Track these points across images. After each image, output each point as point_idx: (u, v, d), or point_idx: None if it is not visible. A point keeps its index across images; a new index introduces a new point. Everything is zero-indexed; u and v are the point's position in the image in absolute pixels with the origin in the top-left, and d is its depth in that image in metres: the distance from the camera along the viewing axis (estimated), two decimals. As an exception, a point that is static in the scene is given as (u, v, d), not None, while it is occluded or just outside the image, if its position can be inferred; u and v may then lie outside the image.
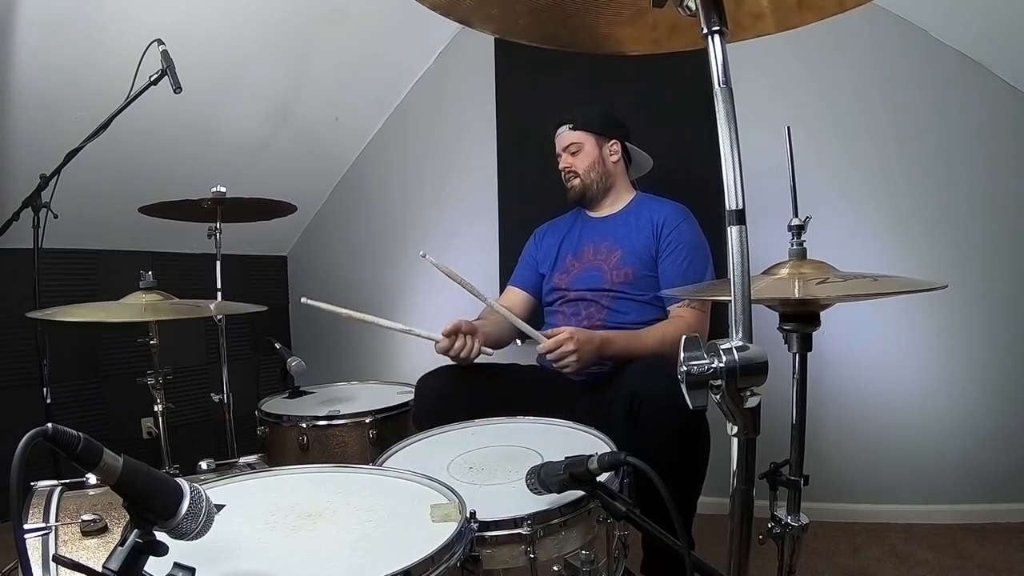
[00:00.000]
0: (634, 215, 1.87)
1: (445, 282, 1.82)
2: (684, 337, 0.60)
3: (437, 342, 1.56)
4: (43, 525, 0.89)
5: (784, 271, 0.91)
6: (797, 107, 2.36)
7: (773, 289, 0.87)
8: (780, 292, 0.87)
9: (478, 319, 1.82)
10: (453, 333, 1.57)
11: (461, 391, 1.53)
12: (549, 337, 1.53)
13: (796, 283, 0.88)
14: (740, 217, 0.60)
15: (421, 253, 1.49)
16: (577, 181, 1.88)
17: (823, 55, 2.31)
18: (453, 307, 2.96)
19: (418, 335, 1.54)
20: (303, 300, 1.59)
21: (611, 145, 1.89)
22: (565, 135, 1.88)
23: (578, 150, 1.87)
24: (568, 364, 1.51)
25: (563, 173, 1.90)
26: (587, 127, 1.87)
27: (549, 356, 1.53)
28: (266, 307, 1.81)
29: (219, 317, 1.92)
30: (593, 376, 1.65)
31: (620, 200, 1.92)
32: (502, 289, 2.70)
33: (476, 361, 1.62)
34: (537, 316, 1.99)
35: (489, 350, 1.62)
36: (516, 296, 2.02)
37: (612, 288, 1.79)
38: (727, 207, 0.60)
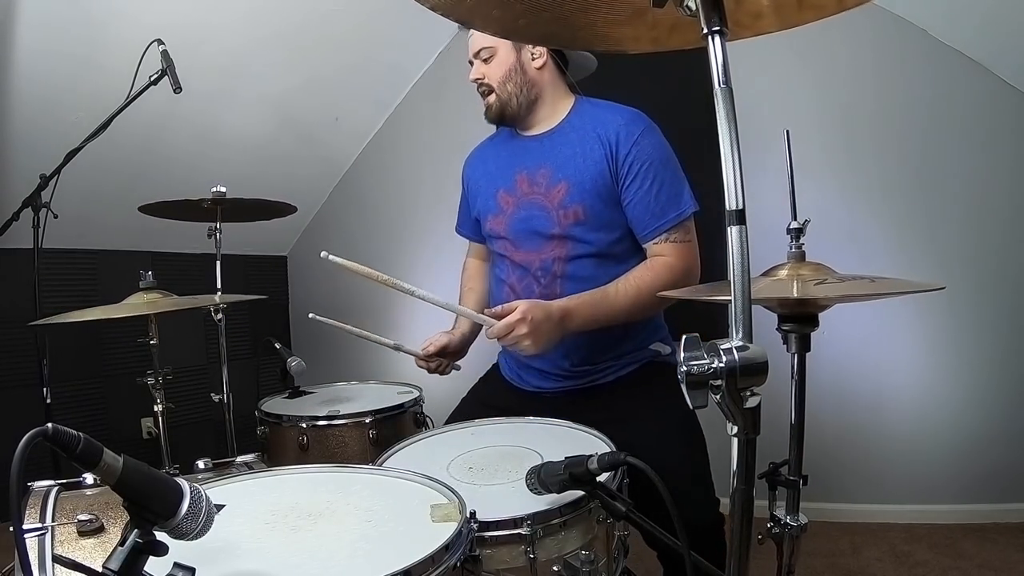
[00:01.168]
0: (576, 130, 1.47)
1: (444, 284, 1.83)
2: (684, 337, 0.59)
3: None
4: (40, 525, 0.89)
5: (783, 273, 0.91)
6: (797, 107, 2.36)
7: (772, 290, 0.87)
8: (778, 293, 0.87)
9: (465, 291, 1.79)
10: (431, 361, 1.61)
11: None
12: (499, 317, 1.27)
13: (795, 284, 0.88)
14: (740, 217, 0.60)
15: (323, 253, 1.28)
16: (492, 96, 1.51)
17: (823, 55, 2.31)
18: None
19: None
20: (311, 316, 1.59)
21: (534, 48, 1.49)
22: (475, 37, 1.52)
23: (490, 56, 1.50)
24: (524, 349, 1.27)
25: (475, 83, 1.55)
26: None
27: (500, 342, 1.29)
28: (266, 296, 1.87)
29: (219, 316, 1.92)
30: (568, 392, 1.46)
31: (556, 112, 1.52)
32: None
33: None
34: None
35: (458, 367, 1.66)
36: (475, 250, 1.78)
37: (563, 233, 1.42)
38: (727, 207, 0.60)
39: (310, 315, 1.59)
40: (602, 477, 0.92)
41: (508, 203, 1.52)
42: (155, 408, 1.57)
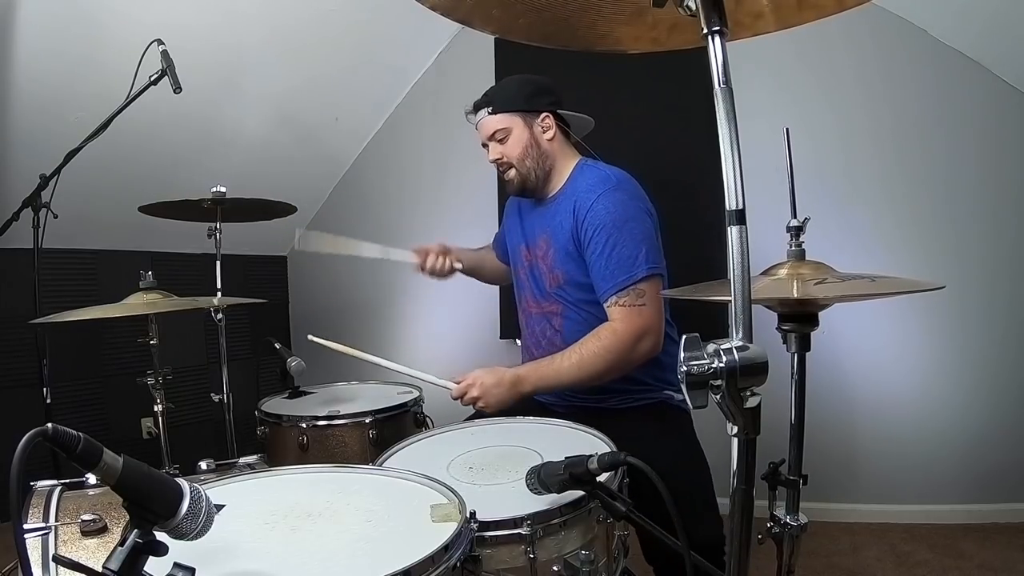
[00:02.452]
0: (567, 199, 1.55)
1: (444, 284, 1.83)
2: (684, 337, 0.59)
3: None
4: (43, 525, 0.89)
5: (782, 272, 0.91)
6: (798, 107, 2.36)
7: (771, 289, 0.87)
8: (778, 292, 0.87)
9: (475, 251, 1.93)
10: (423, 253, 1.71)
11: None
12: (458, 382, 1.43)
13: (795, 284, 0.88)
14: (740, 217, 0.60)
15: (309, 336, 1.54)
16: (513, 172, 1.58)
17: (824, 55, 2.31)
18: (453, 307, 2.98)
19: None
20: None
21: (542, 120, 1.56)
22: (486, 121, 1.57)
23: (505, 136, 1.55)
24: (481, 409, 1.42)
25: (494, 163, 1.61)
26: (510, 106, 1.55)
27: (462, 403, 1.44)
28: (265, 300, 1.87)
29: (219, 316, 1.92)
30: (578, 409, 1.51)
31: (561, 177, 1.60)
32: (503, 293, 2.70)
33: None
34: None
35: (459, 264, 1.75)
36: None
37: (556, 296, 1.57)
38: (727, 207, 0.60)
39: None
40: (602, 477, 0.92)
41: (526, 258, 1.66)
42: (155, 408, 1.57)
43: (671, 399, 1.55)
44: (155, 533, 0.62)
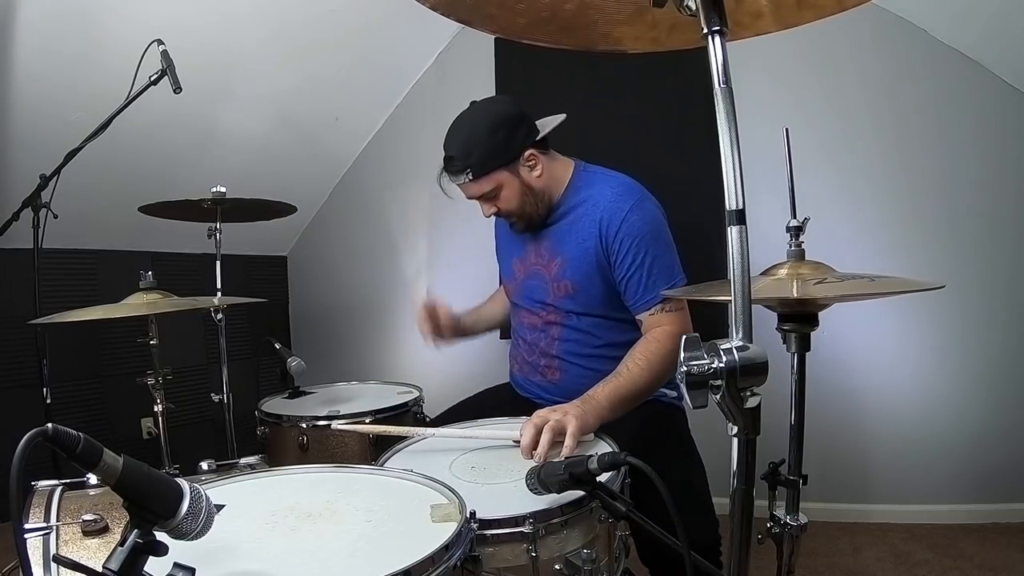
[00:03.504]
0: (574, 209, 1.51)
1: (444, 284, 1.83)
2: (684, 337, 0.59)
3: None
4: (44, 525, 0.89)
5: (782, 272, 0.91)
6: (798, 107, 2.36)
7: (771, 289, 0.87)
8: (778, 292, 0.87)
9: (487, 301, 1.88)
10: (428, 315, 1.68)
11: None
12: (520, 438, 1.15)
13: (794, 283, 0.88)
14: (740, 217, 0.60)
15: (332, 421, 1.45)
16: (514, 218, 1.53)
17: (824, 55, 2.31)
18: (452, 307, 2.97)
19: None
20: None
21: (527, 160, 1.47)
22: (470, 188, 1.48)
23: (496, 193, 1.47)
24: (568, 436, 1.13)
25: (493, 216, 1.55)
26: (490, 165, 1.44)
27: (546, 456, 1.10)
28: (265, 299, 1.87)
29: (219, 316, 1.92)
30: None
31: (559, 190, 1.55)
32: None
33: None
34: None
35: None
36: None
37: (555, 303, 1.53)
38: (727, 207, 0.60)
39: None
40: (602, 477, 0.92)
41: (520, 271, 1.62)
42: (155, 408, 1.57)
43: (663, 396, 1.54)
44: (155, 533, 0.62)
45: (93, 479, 1.03)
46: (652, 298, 1.41)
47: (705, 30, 0.63)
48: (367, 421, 1.54)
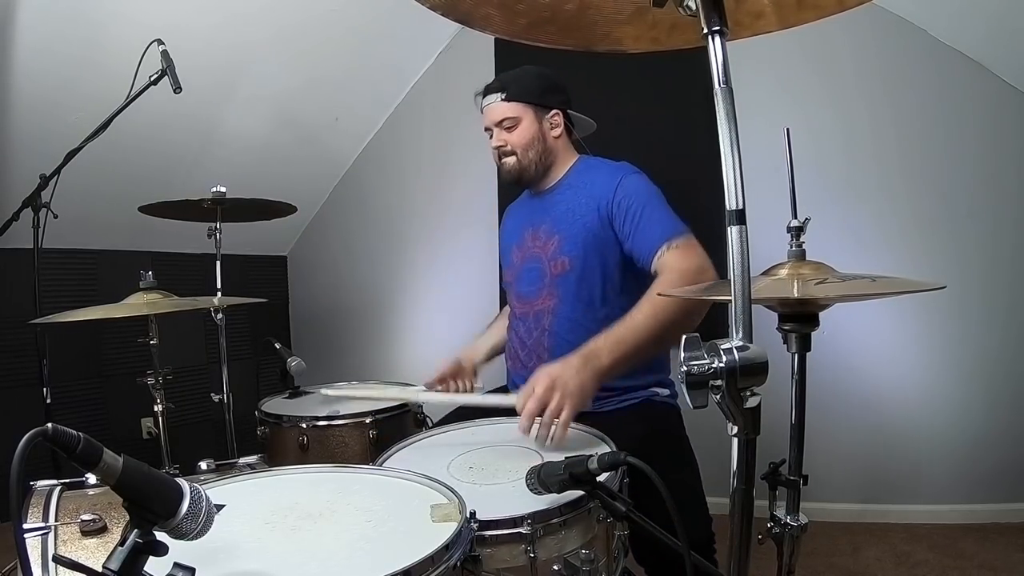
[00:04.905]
0: (571, 188, 1.58)
1: (444, 284, 1.83)
2: (684, 337, 0.59)
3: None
4: (42, 525, 0.89)
5: (783, 272, 0.91)
6: (799, 107, 2.36)
7: (772, 289, 0.87)
8: (779, 292, 0.87)
9: (493, 322, 1.84)
10: (441, 381, 1.58)
11: None
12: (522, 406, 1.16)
13: (795, 283, 0.88)
14: (740, 217, 0.60)
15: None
16: (512, 160, 1.57)
17: (825, 56, 2.31)
18: (453, 308, 2.97)
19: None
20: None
21: (552, 116, 1.58)
22: (496, 107, 1.56)
23: (514, 125, 1.55)
24: (569, 407, 1.14)
25: (496, 149, 1.59)
26: (524, 97, 1.55)
27: (543, 419, 1.14)
28: (265, 299, 1.86)
29: (219, 316, 1.92)
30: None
31: (558, 172, 1.63)
32: (502, 291, 2.70)
33: None
34: None
35: (479, 382, 1.66)
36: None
37: (551, 283, 1.52)
38: (727, 207, 0.60)
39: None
40: (602, 477, 0.92)
41: (518, 257, 1.63)
42: (155, 408, 1.57)
43: (656, 395, 1.54)
44: (155, 533, 0.62)
45: (92, 479, 1.03)
46: (657, 241, 1.41)
47: (705, 30, 0.63)
48: (367, 421, 1.55)
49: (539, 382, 1.16)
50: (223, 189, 1.83)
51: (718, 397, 0.58)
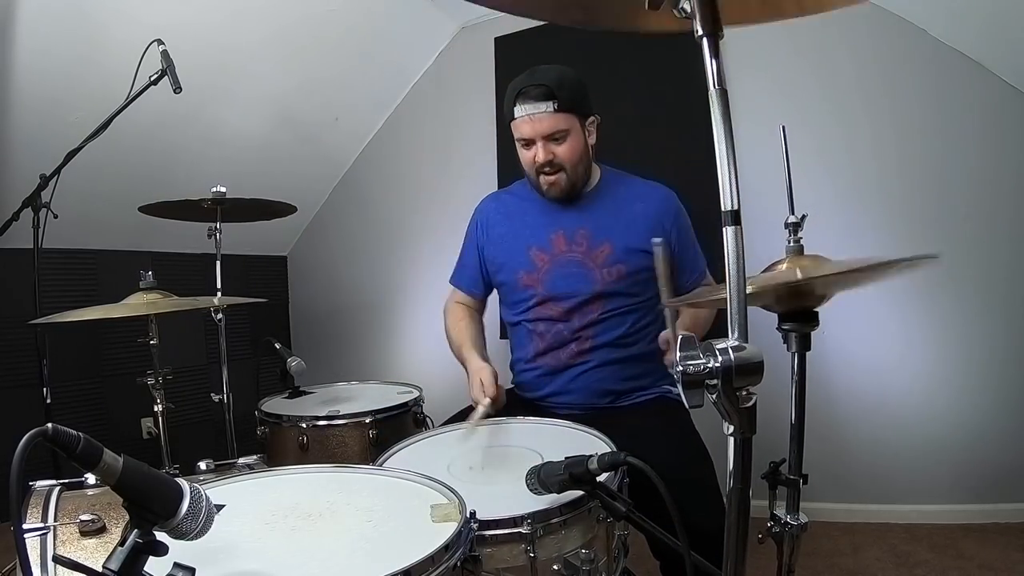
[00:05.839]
0: (613, 199, 1.55)
1: (444, 284, 1.83)
2: (680, 337, 0.59)
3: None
4: (41, 525, 0.90)
5: (782, 267, 0.92)
6: (797, 106, 2.36)
7: (772, 278, 0.87)
8: (780, 279, 0.86)
9: (459, 326, 1.69)
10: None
11: None
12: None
13: (796, 271, 0.88)
14: (735, 218, 0.60)
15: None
16: (561, 177, 1.47)
17: (823, 54, 2.31)
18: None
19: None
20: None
21: (590, 124, 1.50)
22: (546, 119, 1.42)
23: (564, 137, 1.44)
24: None
25: (540, 165, 1.47)
26: (572, 107, 1.43)
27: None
28: (265, 299, 1.86)
29: (219, 316, 1.93)
30: (585, 409, 1.50)
31: (591, 179, 1.58)
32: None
33: None
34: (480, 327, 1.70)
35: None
36: (462, 298, 1.72)
37: (604, 290, 1.50)
38: (722, 208, 0.60)
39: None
40: (602, 477, 0.92)
41: (543, 260, 1.55)
42: (155, 408, 1.57)
43: (669, 393, 1.56)
44: (155, 533, 0.62)
45: (91, 479, 1.03)
46: (697, 277, 1.61)
47: (700, 32, 0.62)
48: (367, 421, 1.55)
49: None
50: (223, 189, 1.83)
51: (714, 397, 0.58)
